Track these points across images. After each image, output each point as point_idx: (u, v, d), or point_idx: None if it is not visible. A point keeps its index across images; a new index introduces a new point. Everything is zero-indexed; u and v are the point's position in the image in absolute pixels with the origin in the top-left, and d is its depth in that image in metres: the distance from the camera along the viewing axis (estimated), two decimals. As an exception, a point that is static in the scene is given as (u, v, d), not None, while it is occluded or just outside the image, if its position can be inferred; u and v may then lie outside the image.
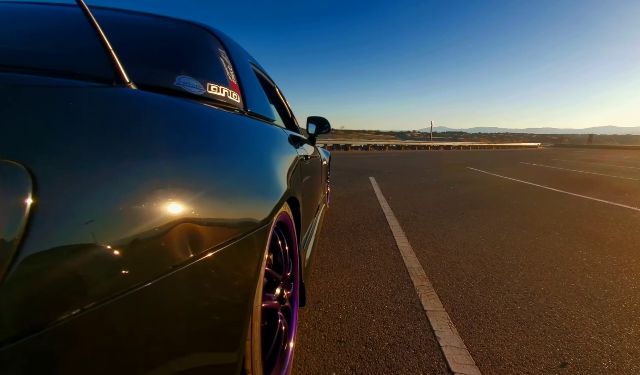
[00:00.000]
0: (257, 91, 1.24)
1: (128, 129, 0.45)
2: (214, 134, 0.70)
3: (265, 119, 1.22)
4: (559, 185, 6.01)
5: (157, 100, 0.58)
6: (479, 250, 2.38)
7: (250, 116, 1.04)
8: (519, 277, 1.92)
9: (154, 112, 0.54)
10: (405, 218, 3.31)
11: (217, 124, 0.75)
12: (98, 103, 0.45)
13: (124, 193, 0.38)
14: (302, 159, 1.48)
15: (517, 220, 3.32)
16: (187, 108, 0.66)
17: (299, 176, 1.32)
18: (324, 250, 2.33)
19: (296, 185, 1.21)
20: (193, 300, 0.47)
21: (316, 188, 2.24)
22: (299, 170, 1.33)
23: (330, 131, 2.27)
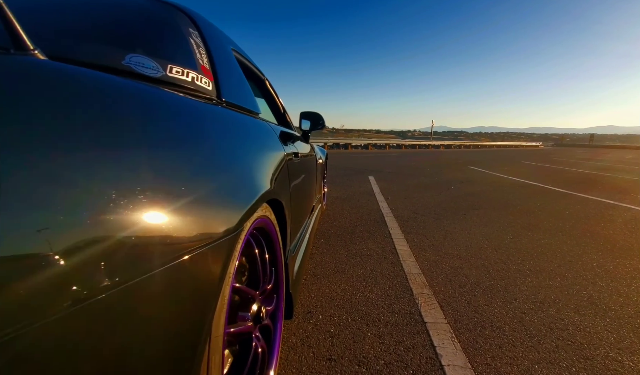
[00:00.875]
0: (238, 80, 1.11)
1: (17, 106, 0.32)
2: (167, 123, 0.57)
3: (248, 111, 1.09)
4: (562, 184, 5.87)
5: (79, 75, 0.45)
6: (483, 254, 2.24)
7: (227, 107, 0.91)
8: (526, 284, 1.79)
9: (69, 88, 0.41)
10: (405, 219, 3.18)
11: (175, 111, 0.61)
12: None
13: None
14: (291, 157, 1.34)
15: (521, 221, 3.19)
16: (128, 89, 0.53)
17: (285, 176, 1.19)
18: (318, 254, 2.20)
19: (281, 186, 1.08)
20: (123, 334, 0.36)
21: (310, 188, 2.10)
22: (285, 170, 1.20)
23: (324, 127, 2.14)
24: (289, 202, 1.23)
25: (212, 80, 0.88)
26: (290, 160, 1.32)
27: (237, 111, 0.97)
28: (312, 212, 2.37)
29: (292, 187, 1.36)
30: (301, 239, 1.71)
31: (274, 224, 1.00)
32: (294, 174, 1.42)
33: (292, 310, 1.23)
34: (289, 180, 1.24)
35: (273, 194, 0.94)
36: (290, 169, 1.32)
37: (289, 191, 1.25)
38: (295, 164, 1.47)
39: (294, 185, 1.43)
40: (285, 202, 1.12)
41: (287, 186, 1.21)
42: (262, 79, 1.80)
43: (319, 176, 2.68)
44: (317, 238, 2.54)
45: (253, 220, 0.79)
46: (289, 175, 1.27)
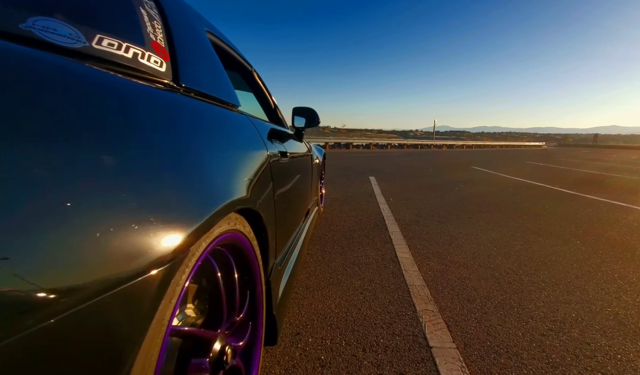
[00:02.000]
0: (209, 66, 0.93)
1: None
2: (78, 108, 0.39)
3: (220, 101, 0.91)
4: (570, 186, 5.66)
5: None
6: (492, 263, 2.06)
7: (186, 93, 0.73)
8: (542, 299, 1.60)
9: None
10: (407, 223, 3.00)
11: (96, 94, 0.44)
12: None
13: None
14: (277, 158, 1.17)
15: (530, 225, 3.00)
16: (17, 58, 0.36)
17: (268, 180, 1.01)
18: (312, 262, 2.02)
19: (262, 192, 0.91)
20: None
21: (304, 191, 1.93)
22: (268, 173, 1.02)
23: (319, 124, 1.96)
24: (272, 210, 1.06)
25: (167, 61, 0.70)
26: (276, 161, 1.14)
27: (203, 100, 0.79)
28: (306, 216, 2.19)
29: (279, 191, 1.19)
30: (291, 247, 1.53)
31: (250, 239, 0.82)
32: (281, 177, 1.24)
33: (277, 335, 1.05)
34: (273, 184, 1.07)
35: (247, 202, 0.77)
36: (276, 171, 1.14)
37: (274, 197, 1.08)
38: (283, 166, 1.29)
39: (282, 189, 1.25)
40: (265, 211, 0.94)
41: (270, 191, 1.03)
42: (249, 70, 1.62)
43: (315, 177, 2.50)
44: (312, 244, 2.36)
45: (213, 237, 0.61)
46: (274, 179, 1.09)
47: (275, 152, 1.17)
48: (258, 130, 1.06)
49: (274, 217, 1.09)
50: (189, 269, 0.52)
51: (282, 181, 1.27)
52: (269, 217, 1.01)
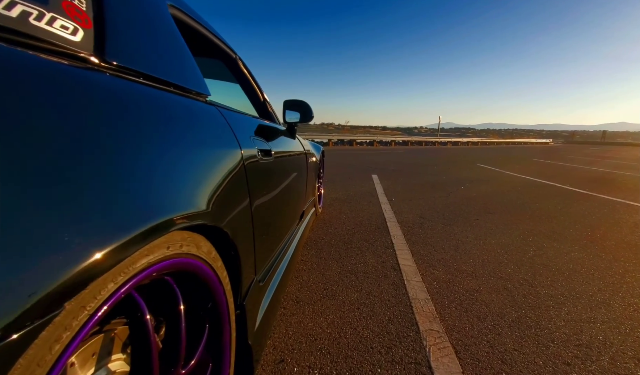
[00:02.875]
0: (162, 42, 0.75)
1: None
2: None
3: (177, 88, 0.73)
4: (581, 184, 5.42)
5: None
6: (503, 272, 1.87)
7: (116, 73, 0.55)
8: (563, 317, 1.41)
9: None
10: (410, 225, 2.81)
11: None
12: None
13: None
14: (256, 158, 0.99)
15: (543, 229, 2.79)
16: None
17: (241, 186, 0.84)
18: (305, 271, 1.85)
19: (227, 202, 0.73)
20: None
21: (296, 193, 1.75)
22: (241, 177, 0.84)
23: (312, 119, 1.78)
24: (248, 221, 0.88)
25: (87, 28, 0.52)
26: (254, 162, 0.97)
27: (146, 84, 0.62)
28: (301, 219, 2.02)
29: (261, 198, 1.02)
30: (279, 258, 1.36)
31: (210, 262, 0.65)
32: (263, 180, 1.07)
33: (253, 370, 0.88)
34: (249, 191, 0.89)
35: (201, 217, 0.59)
36: (255, 175, 0.96)
37: (251, 206, 0.90)
38: (266, 167, 1.12)
39: (265, 195, 1.08)
40: (237, 225, 0.77)
41: (245, 200, 0.86)
42: (233, 58, 1.44)
43: (311, 177, 2.32)
44: (307, 248, 2.19)
45: (140, 268, 0.44)
46: (252, 183, 0.92)
47: (254, 152, 0.99)
48: (230, 125, 0.88)
49: (250, 229, 0.92)
50: (84, 318, 0.35)
51: (265, 185, 1.10)
52: (242, 231, 0.84)
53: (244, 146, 0.91)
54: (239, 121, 0.99)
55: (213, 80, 1.94)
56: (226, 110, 0.94)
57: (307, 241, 2.33)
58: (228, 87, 1.93)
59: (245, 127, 1.02)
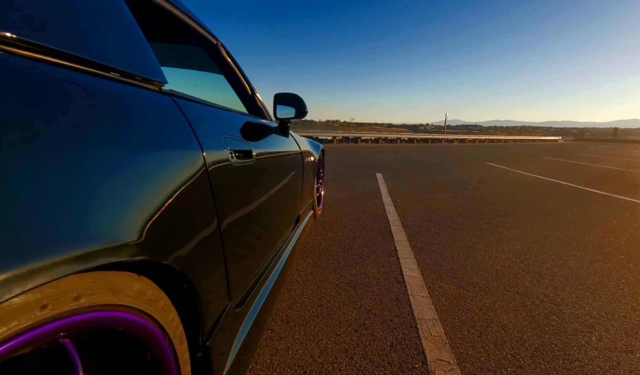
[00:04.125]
0: (87, 9, 0.57)
1: None
2: None
3: (108, 69, 0.55)
4: (596, 184, 5.15)
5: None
6: (520, 286, 1.67)
7: (18, 48, 0.38)
8: (595, 345, 1.22)
9: None
10: (415, 229, 2.62)
11: None
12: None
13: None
14: (226, 161, 0.81)
15: (560, 234, 2.58)
16: None
17: (202, 199, 0.66)
18: (298, 282, 1.67)
19: (177, 224, 0.56)
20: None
21: (289, 197, 1.58)
22: (202, 188, 0.67)
23: (306, 114, 1.59)
24: (214, 242, 0.71)
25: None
26: (224, 166, 0.79)
27: (58, 64, 0.44)
28: (296, 224, 1.85)
29: (234, 209, 0.84)
30: (265, 274, 1.18)
31: (144, 310, 0.48)
32: (238, 187, 0.89)
33: None
34: (215, 202, 0.71)
35: (130, 250, 0.42)
36: (225, 182, 0.79)
37: (219, 220, 0.73)
38: (243, 171, 0.94)
39: (242, 205, 0.90)
40: (189, 253, 0.59)
41: (208, 215, 0.68)
42: (213, 44, 1.26)
43: (308, 178, 2.14)
44: (302, 256, 2.01)
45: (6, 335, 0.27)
46: (220, 192, 0.74)
47: (225, 154, 0.81)
48: (189, 120, 0.70)
49: (219, 250, 0.74)
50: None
51: (242, 193, 0.92)
52: (203, 256, 0.66)
53: (209, 147, 0.73)
54: (205, 116, 0.81)
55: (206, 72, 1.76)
56: (188, 102, 0.76)
57: (304, 247, 2.16)
58: (220, 81, 1.75)
59: (214, 123, 0.84)
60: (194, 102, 0.80)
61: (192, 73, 1.64)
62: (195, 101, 0.81)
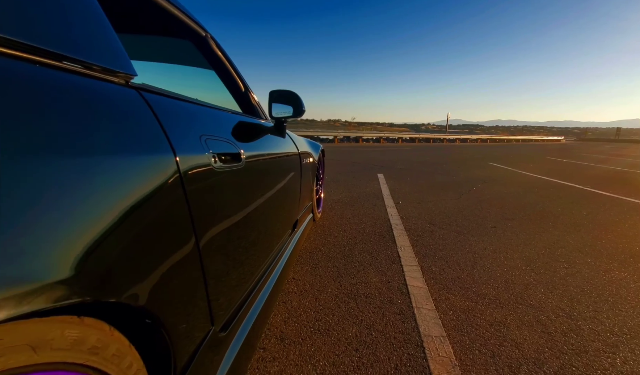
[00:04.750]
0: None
1: None
2: None
3: (59, 57, 0.45)
4: (604, 186, 5.02)
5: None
6: (533, 298, 1.56)
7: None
8: (619, 369, 1.10)
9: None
10: (419, 233, 2.51)
11: None
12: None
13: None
14: (207, 166, 0.70)
15: (571, 239, 2.46)
16: None
17: (170, 215, 0.55)
18: (296, 293, 1.56)
19: (136, 248, 0.45)
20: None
21: (285, 202, 1.47)
22: (173, 200, 0.56)
23: (303, 113, 1.48)
24: (190, 261, 0.60)
25: None
26: (204, 171, 0.68)
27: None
28: (294, 230, 1.74)
29: (217, 220, 0.74)
30: (257, 287, 1.08)
31: (89, 364, 0.37)
32: (223, 194, 0.78)
33: None
34: (192, 214, 0.61)
35: (74, 290, 0.32)
36: (206, 189, 0.68)
37: (197, 235, 0.62)
38: (230, 176, 0.83)
39: (228, 214, 0.80)
40: (154, 283, 0.49)
41: (182, 231, 0.58)
42: (202, 36, 1.15)
43: (306, 180, 2.03)
44: (300, 263, 1.90)
45: None
46: (198, 201, 0.63)
47: (205, 159, 0.70)
48: (159, 118, 0.59)
49: (197, 269, 0.64)
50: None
51: (228, 201, 0.81)
52: (175, 281, 0.55)
53: (184, 150, 0.62)
54: (182, 115, 0.70)
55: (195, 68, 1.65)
56: (160, 98, 0.65)
57: (302, 252, 2.05)
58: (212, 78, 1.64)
59: (193, 123, 0.74)
60: (169, 97, 0.70)
61: (180, 69, 1.53)
62: (170, 97, 0.70)
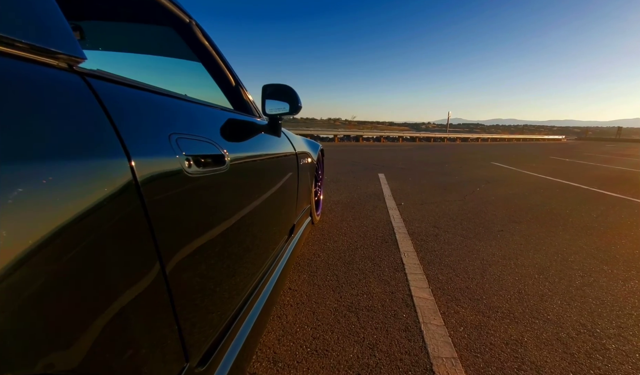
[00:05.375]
0: None
1: None
2: None
3: None
4: (611, 186, 4.89)
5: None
6: (550, 311, 1.44)
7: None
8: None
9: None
10: (423, 237, 2.38)
11: None
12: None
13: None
14: (175, 174, 0.57)
15: (583, 244, 2.33)
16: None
17: (133, 233, 0.43)
18: (292, 306, 1.44)
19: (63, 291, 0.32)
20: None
21: (280, 207, 1.35)
22: (134, 215, 0.44)
23: (300, 109, 1.35)
24: (154, 290, 0.48)
25: None
26: (173, 178, 0.56)
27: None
28: (290, 236, 1.61)
29: (192, 237, 0.61)
30: (247, 304, 0.96)
31: None
32: (200, 204, 0.66)
33: None
34: (154, 236, 0.48)
35: None
36: (175, 200, 0.56)
37: (162, 260, 0.50)
38: (211, 182, 0.71)
39: (208, 227, 0.68)
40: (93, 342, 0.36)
41: (143, 257, 0.46)
42: (186, 23, 1.02)
43: (304, 181, 1.90)
44: (297, 270, 1.78)
45: None
46: (164, 217, 0.51)
47: (176, 163, 0.57)
48: (109, 112, 0.47)
49: (165, 301, 0.52)
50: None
51: (206, 212, 0.68)
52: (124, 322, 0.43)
53: (142, 153, 0.49)
54: (145, 108, 0.58)
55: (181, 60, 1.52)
56: (117, 87, 0.52)
57: (300, 259, 1.92)
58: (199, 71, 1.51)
59: (162, 118, 0.61)
60: (129, 87, 0.57)
61: (162, 60, 1.40)
62: (130, 86, 0.57)
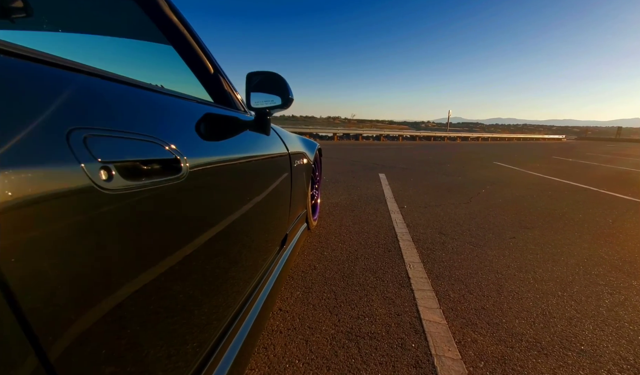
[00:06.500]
0: None
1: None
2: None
3: None
4: (621, 188, 4.69)
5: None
6: (583, 340, 1.23)
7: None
8: None
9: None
10: (429, 246, 2.18)
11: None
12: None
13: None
14: (87, 191, 0.37)
15: (604, 254, 2.14)
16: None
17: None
18: (282, 333, 1.23)
19: None
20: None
21: (267, 217, 1.14)
22: None
23: (292, 102, 1.14)
24: None
25: None
26: (81, 197, 0.35)
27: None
28: (282, 247, 1.41)
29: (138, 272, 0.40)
30: (230, 332, 0.75)
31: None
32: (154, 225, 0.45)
33: None
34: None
35: None
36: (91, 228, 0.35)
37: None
38: (156, 198, 0.50)
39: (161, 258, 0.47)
40: None
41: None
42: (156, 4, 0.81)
43: (298, 185, 1.69)
44: (290, 286, 1.57)
45: None
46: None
47: (84, 179, 0.36)
48: None
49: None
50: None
51: (157, 237, 0.48)
52: None
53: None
54: (23, 85, 0.37)
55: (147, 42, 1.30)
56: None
57: (294, 271, 1.72)
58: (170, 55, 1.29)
59: (55, 105, 0.40)
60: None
61: (125, 43, 1.18)
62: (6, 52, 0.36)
